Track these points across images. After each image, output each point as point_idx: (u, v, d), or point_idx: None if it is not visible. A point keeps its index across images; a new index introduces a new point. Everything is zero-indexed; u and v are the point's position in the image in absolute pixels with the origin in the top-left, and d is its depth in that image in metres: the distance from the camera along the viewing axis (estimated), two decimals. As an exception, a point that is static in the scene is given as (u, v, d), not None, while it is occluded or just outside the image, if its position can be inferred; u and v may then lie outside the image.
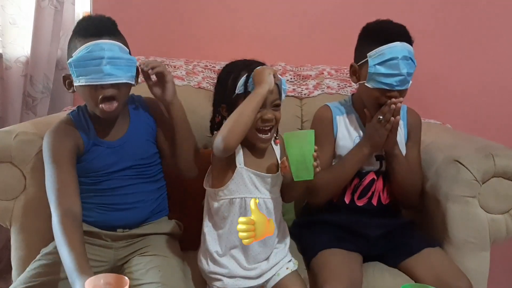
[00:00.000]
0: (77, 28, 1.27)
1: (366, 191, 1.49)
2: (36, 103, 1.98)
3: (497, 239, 1.46)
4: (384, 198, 1.51)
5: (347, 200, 1.50)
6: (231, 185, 1.28)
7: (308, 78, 1.99)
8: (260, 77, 1.22)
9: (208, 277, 1.30)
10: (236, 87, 1.26)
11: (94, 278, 0.97)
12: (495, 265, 1.51)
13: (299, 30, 2.13)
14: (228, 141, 1.18)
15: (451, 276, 1.31)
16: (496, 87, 2.19)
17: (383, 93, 1.37)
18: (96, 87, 1.22)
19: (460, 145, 1.52)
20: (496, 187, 1.42)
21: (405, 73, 1.34)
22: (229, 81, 1.28)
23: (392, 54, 1.34)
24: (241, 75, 1.26)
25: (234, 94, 1.27)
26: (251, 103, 1.20)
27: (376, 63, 1.36)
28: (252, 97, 1.21)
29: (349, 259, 1.38)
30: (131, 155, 1.35)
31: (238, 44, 2.09)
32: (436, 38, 2.15)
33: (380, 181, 1.50)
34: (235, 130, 1.18)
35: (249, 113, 1.19)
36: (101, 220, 1.26)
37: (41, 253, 1.30)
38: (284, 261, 1.35)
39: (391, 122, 1.36)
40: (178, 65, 1.95)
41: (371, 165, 1.48)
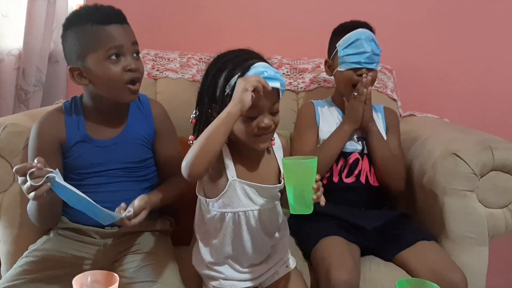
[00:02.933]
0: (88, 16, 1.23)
1: (352, 169, 1.58)
2: (28, 97, 1.95)
3: (495, 234, 1.44)
4: (372, 180, 1.59)
5: (335, 180, 1.58)
6: (223, 199, 1.16)
7: (304, 71, 1.97)
8: (237, 91, 1.05)
9: (204, 276, 1.27)
10: (228, 86, 1.11)
11: (81, 276, 0.94)
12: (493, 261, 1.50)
13: (296, 22, 2.11)
14: (194, 169, 1.04)
15: (446, 269, 1.30)
16: (494, 81, 2.18)
17: (354, 72, 1.56)
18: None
19: (458, 138, 1.50)
20: (494, 180, 1.40)
21: (370, 50, 1.55)
22: (221, 80, 1.12)
23: (356, 36, 1.56)
24: (235, 74, 1.10)
25: (225, 93, 1.11)
26: (221, 124, 1.03)
27: (343, 47, 1.58)
28: (222, 117, 1.04)
29: (350, 248, 1.38)
30: (120, 158, 1.30)
31: (233, 36, 2.07)
32: (434, 32, 2.14)
33: (365, 161, 1.60)
34: (202, 156, 1.03)
35: (219, 136, 1.04)
36: (88, 217, 1.23)
37: (29, 250, 1.28)
38: (283, 260, 1.31)
39: (365, 94, 1.53)
40: (172, 58, 1.93)
41: (353, 145, 1.60)
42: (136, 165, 1.34)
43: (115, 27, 1.23)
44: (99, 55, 1.21)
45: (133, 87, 1.26)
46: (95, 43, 1.21)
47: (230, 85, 1.10)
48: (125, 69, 1.23)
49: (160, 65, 1.91)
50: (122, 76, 1.23)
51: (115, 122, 1.33)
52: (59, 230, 1.32)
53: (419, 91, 2.14)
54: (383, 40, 2.05)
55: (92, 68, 1.22)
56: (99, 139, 1.30)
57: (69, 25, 1.25)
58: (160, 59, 1.93)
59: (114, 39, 1.21)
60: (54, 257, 1.26)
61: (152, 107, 1.40)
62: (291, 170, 1.06)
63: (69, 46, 1.25)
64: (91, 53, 1.21)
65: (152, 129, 1.37)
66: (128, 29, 1.27)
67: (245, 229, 1.19)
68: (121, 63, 1.23)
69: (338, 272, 1.23)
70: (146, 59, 1.91)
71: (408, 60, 2.11)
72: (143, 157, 1.36)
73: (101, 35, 1.21)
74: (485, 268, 1.43)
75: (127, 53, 1.23)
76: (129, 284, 1.20)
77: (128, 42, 1.24)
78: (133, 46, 1.26)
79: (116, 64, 1.22)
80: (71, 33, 1.24)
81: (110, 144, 1.30)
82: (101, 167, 1.29)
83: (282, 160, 1.10)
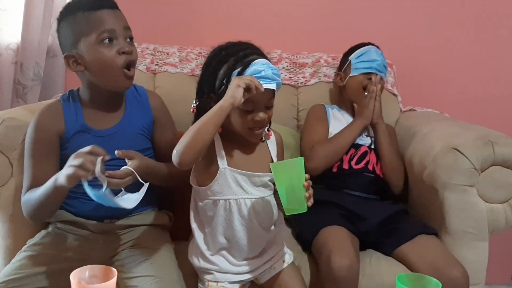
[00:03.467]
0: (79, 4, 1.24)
1: (361, 158, 1.67)
2: (26, 91, 1.94)
3: (496, 229, 1.43)
4: (379, 171, 1.67)
5: (346, 167, 1.65)
6: (214, 186, 1.18)
7: (304, 66, 1.96)
8: (231, 87, 1.09)
9: (199, 270, 1.27)
10: (227, 78, 1.14)
11: (79, 271, 0.93)
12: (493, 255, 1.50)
13: (296, 17, 2.10)
14: (184, 157, 1.08)
15: (446, 265, 1.30)
16: (495, 76, 2.18)
17: (365, 77, 1.71)
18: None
19: (459, 133, 1.49)
20: (495, 176, 1.39)
21: (380, 60, 1.73)
22: (221, 72, 1.16)
23: (367, 49, 1.76)
24: (235, 68, 1.14)
25: (223, 86, 1.15)
26: (213, 116, 1.08)
27: (356, 57, 1.75)
28: (215, 109, 1.08)
29: (351, 237, 1.39)
30: (119, 148, 1.27)
31: (232, 30, 2.01)
32: (434, 27, 2.12)
33: (373, 154, 1.68)
34: (193, 146, 1.07)
35: (210, 128, 1.08)
36: (87, 210, 1.23)
37: (27, 244, 1.28)
38: (279, 254, 1.31)
39: (375, 91, 1.67)
40: (171, 52, 1.93)
41: (363, 140, 1.71)
42: None
43: (106, 11, 1.23)
44: (91, 39, 1.21)
45: (128, 72, 1.26)
46: (87, 28, 1.21)
47: (229, 79, 1.13)
48: (119, 52, 1.23)
49: (159, 59, 1.90)
50: (116, 59, 1.22)
51: (113, 112, 1.33)
52: (58, 224, 1.31)
53: (419, 86, 2.13)
54: (384, 35, 2.05)
55: (86, 54, 1.22)
56: (97, 129, 1.30)
57: (62, 17, 1.27)
58: (159, 53, 1.92)
59: (105, 23, 1.22)
60: (53, 251, 1.25)
61: (150, 98, 1.40)
62: (280, 171, 1.08)
63: (63, 36, 1.26)
64: (83, 39, 1.22)
65: (150, 119, 1.38)
66: (119, 14, 1.27)
67: (237, 218, 1.20)
68: (114, 46, 1.23)
69: (339, 258, 1.25)
70: (145, 53, 1.90)
71: (409, 55, 2.10)
72: (143, 147, 1.35)
73: (92, 20, 1.22)
74: (485, 263, 1.43)
75: (119, 37, 1.24)
76: (127, 278, 1.20)
77: (119, 26, 1.24)
78: (125, 30, 1.26)
79: (109, 48, 1.22)
80: (64, 24, 1.26)
81: (108, 133, 1.30)
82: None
83: (270, 164, 1.10)
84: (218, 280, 1.23)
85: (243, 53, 1.16)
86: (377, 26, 2.09)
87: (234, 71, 1.14)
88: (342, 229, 1.40)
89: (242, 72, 1.13)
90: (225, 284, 1.23)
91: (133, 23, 1.31)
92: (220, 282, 1.23)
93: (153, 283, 1.15)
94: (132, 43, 1.28)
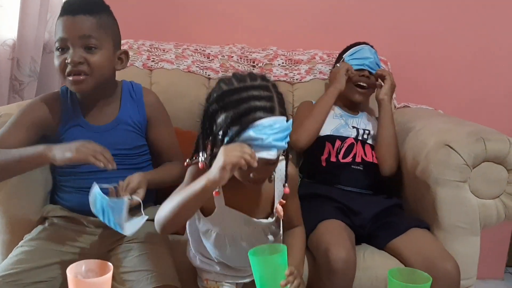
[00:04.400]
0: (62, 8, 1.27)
1: (348, 151, 1.68)
2: (23, 87, 1.94)
3: (487, 224, 1.44)
4: (369, 158, 1.68)
5: (333, 160, 1.67)
6: (211, 221, 1.13)
7: (300, 62, 1.97)
8: (215, 164, 0.93)
9: (199, 269, 1.27)
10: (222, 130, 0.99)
11: (75, 265, 0.93)
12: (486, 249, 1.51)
13: (291, 13, 2.10)
14: (164, 230, 1.05)
15: (438, 258, 1.32)
16: (488, 73, 2.19)
17: (357, 73, 1.74)
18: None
19: (451, 129, 1.50)
20: (487, 171, 1.40)
21: (373, 58, 1.75)
22: (218, 121, 1.00)
23: (360, 47, 1.78)
24: (233, 125, 0.97)
25: (218, 137, 1.00)
26: (196, 195, 0.96)
27: (349, 55, 1.79)
28: (198, 187, 0.95)
29: (347, 230, 1.40)
30: (113, 144, 1.29)
31: (228, 27, 2.06)
32: (428, 24, 2.13)
33: (359, 146, 1.70)
34: (173, 221, 1.02)
35: (192, 206, 1.00)
36: (82, 205, 1.23)
37: (24, 239, 1.29)
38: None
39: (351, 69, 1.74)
40: (168, 49, 1.93)
41: (348, 132, 1.73)
42: (128, 152, 1.34)
43: (66, 18, 1.24)
44: (54, 46, 1.26)
45: (71, 78, 1.24)
46: (55, 33, 1.26)
47: (225, 134, 0.98)
48: (65, 62, 1.24)
49: (155, 56, 1.90)
50: (60, 68, 1.25)
51: (108, 109, 1.34)
52: (54, 219, 1.33)
53: (413, 82, 2.14)
54: (379, 32, 2.06)
55: None
56: (93, 124, 1.32)
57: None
58: (155, 50, 1.92)
59: (59, 31, 1.24)
60: (49, 246, 1.27)
61: (144, 95, 1.41)
62: (256, 265, 0.98)
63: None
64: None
65: (143, 116, 1.38)
66: (80, 21, 1.22)
67: (229, 247, 1.17)
68: (64, 55, 1.24)
69: (337, 250, 1.26)
70: (141, 50, 1.91)
71: (403, 52, 2.11)
72: (135, 144, 1.37)
73: (56, 26, 1.25)
74: (476, 258, 1.44)
75: (74, 46, 1.23)
76: (123, 273, 1.20)
77: (73, 34, 1.22)
78: (81, 39, 1.23)
79: (58, 58, 1.25)
80: None
81: (103, 129, 1.32)
82: None
83: (248, 252, 0.97)
84: (216, 279, 1.24)
85: (245, 107, 0.97)
86: (372, 23, 2.10)
87: (230, 129, 0.97)
88: (338, 222, 1.42)
89: (240, 134, 0.96)
90: (224, 283, 1.24)
91: (130, 19, 1.32)
92: (219, 282, 1.24)
93: (149, 277, 1.16)
94: (90, 50, 1.24)
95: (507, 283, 2.32)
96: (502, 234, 2.31)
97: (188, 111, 1.75)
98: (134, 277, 1.18)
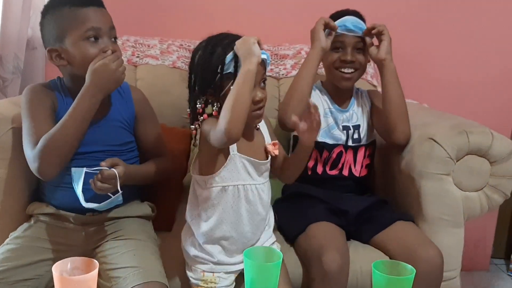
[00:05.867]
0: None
1: (336, 163, 1.57)
2: (6, 84, 1.93)
3: (471, 216, 1.46)
4: (355, 171, 1.59)
5: (319, 171, 1.57)
6: (223, 172, 1.19)
7: (285, 57, 1.97)
8: (245, 50, 1.08)
9: (194, 260, 1.26)
10: (222, 67, 1.12)
11: (60, 263, 0.93)
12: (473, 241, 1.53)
13: (276, 8, 2.10)
14: (232, 132, 1.06)
15: (421, 245, 1.32)
16: (472, 67, 2.21)
17: (339, 56, 1.52)
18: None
19: (435, 123, 1.52)
20: (470, 164, 1.42)
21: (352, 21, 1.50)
22: (213, 60, 1.13)
23: (341, 23, 1.51)
24: (227, 52, 1.12)
25: (222, 74, 1.13)
26: (245, 83, 1.06)
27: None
28: (243, 76, 1.07)
29: (338, 232, 1.40)
30: (101, 140, 1.30)
31: (213, 22, 2.05)
32: (413, 19, 2.15)
33: (349, 154, 1.58)
34: (237, 118, 1.05)
35: (247, 96, 1.07)
36: (68, 202, 1.23)
37: (10, 237, 1.28)
38: (268, 242, 1.33)
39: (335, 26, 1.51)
40: (152, 44, 1.92)
41: (337, 139, 1.58)
42: (117, 148, 1.34)
43: (93, 9, 1.24)
44: (76, 36, 1.22)
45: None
46: (73, 24, 1.22)
47: (226, 63, 1.12)
48: (104, 50, 1.23)
49: (140, 52, 1.89)
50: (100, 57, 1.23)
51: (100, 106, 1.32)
52: (40, 216, 1.32)
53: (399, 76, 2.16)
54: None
55: (70, 49, 1.23)
56: None
57: (47, 10, 1.27)
58: (140, 46, 1.91)
59: (91, 20, 1.23)
60: (35, 244, 1.26)
61: (132, 92, 1.41)
62: (249, 268, 1.00)
63: (48, 30, 1.26)
64: (69, 34, 1.23)
65: (132, 113, 1.39)
66: (106, 13, 1.28)
67: (244, 204, 1.22)
68: (99, 45, 1.24)
69: (332, 255, 1.25)
70: (126, 46, 1.89)
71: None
72: (124, 140, 1.37)
73: (78, 17, 1.22)
74: (460, 249, 1.46)
75: (104, 35, 1.25)
76: (110, 270, 1.20)
77: (105, 25, 1.25)
78: (110, 30, 1.27)
79: (93, 46, 1.23)
80: (49, 17, 1.26)
81: (94, 126, 1.29)
82: (83, 147, 1.28)
83: (243, 253, 1.01)
84: (214, 270, 1.23)
85: (229, 39, 1.14)
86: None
87: (227, 55, 1.12)
88: (330, 224, 1.40)
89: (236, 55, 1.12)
90: (221, 274, 1.24)
91: (114, 14, 1.31)
92: (216, 273, 1.23)
93: (136, 274, 1.16)
94: (116, 43, 1.29)
95: (492, 274, 2.35)
96: (488, 226, 2.34)
97: (173, 107, 1.75)
98: (121, 274, 1.18)
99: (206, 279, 1.23)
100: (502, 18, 2.19)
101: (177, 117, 1.72)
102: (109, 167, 1.19)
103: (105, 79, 1.21)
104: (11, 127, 1.34)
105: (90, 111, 1.22)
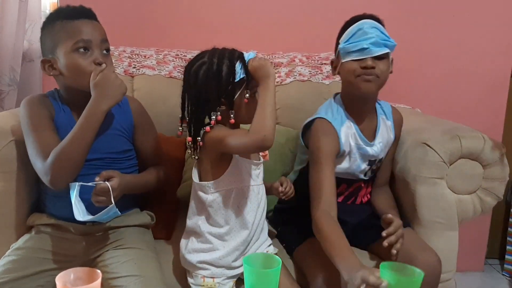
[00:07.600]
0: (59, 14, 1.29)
1: (352, 194, 1.53)
2: (3, 96, 1.93)
3: (464, 219, 1.49)
4: (362, 200, 1.56)
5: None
6: (228, 176, 1.24)
7: (280, 65, 1.99)
8: (265, 70, 1.17)
9: (194, 266, 1.27)
10: (233, 75, 1.19)
11: (64, 274, 0.94)
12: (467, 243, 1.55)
13: (271, 16, 2.13)
14: (272, 137, 1.12)
15: (419, 250, 1.32)
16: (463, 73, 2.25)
17: (359, 64, 1.35)
18: None
19: (428, 128, 1.54)
20: (463, 168, 1.45)
21: (375, 35, 1.34)
22: (223, 72, 1.19)
23: (358, 27, 1.37)
24: (234, 61, 1.20)
25: (234, 82, 1.20)
26: (272, 97, 1.15)
27: (345, 40, 1.38)
28: (269, 91, 1.15)
29: None
30: (100, 148, 1.32)
31: (209, 32, 2.08)
32: (405, 24, 2.18)
33: (367, 186, 1.55)
34: (274, 126, 1.13)
35: (274, 105, 1.15)
36: (68, 213, 1.22)
37: (11, 248, 1.29)
38: (265, 244, 1.35)
39: None
40: (149, 55, 1.94)
41: (360, 170, 1.47)
42: (116, 156, 1.36)
43: (84, 22, 1.27)
44: (67, 47, 1.25)
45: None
46: (64, 36, 1.25)
47: (237, 71, 1.20)
48: (94, 62, 1.26)
49: (136, 62, 1.91)
50: (89, 68, 1.25)
51: None
52: (40, 227, 1.33)
53: (392, 82, 2.15)
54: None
55: (61, 60, 1.26)
56: None
57: (44, 25, 1.31)
58: (136, 56, 1.93)
59: (82, 33, 1.26)
60: (36, 255, 1.27)
61: (130, 103, 1.43)
62: (249, 274, 1.02)
63: (43, 43, 1.30)
64: (60, 45, 1.26)
65: (130, 122, 1.41)
66: (98, 26, 1.31)
67: (249, 204, 1.27)
68: (89, 57, 1.26)
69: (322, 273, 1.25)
70: (122, 57, 1.91)
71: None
72: (123, 148, 1.38)
73: (69, 29, 1.26)
74: (455, 252, 1.48)
75: (95, 47, 1.27)
76: (111, 279, 1.21)
77: (97, 37, 1.27)
78: (102, 43, 1.29)
79: (83, 58, 1.25)
80: (45, 32, 1.30)
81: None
82: None
83: (243, 260, 1.04)
84: (214, 275, 1.25)
85: (228, 51, 1.23)
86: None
87: (236, 63, 1.20)
88: None
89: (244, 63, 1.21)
90: (221, 280, 1.25)
91: (110, 26, 1.33)
92: (217, 278, 1.25)
93: (137, 283, 1.17)
94: (108, 54, 1.31)
95: (486, 275, 2.37)
96: (482, 227, 2.37)
97: (170, 117, 1.75)
98: (122, 283, 1.19)
99: (206, 285, 1.25)
100: (493, 25, 2.22)
101: (174, 125, 1.70)
102: (103, 180, 1.20)
103: (110, 89, 1.23)
104: (11, 140, 1.35)
105: (98, 122, 1.23)
